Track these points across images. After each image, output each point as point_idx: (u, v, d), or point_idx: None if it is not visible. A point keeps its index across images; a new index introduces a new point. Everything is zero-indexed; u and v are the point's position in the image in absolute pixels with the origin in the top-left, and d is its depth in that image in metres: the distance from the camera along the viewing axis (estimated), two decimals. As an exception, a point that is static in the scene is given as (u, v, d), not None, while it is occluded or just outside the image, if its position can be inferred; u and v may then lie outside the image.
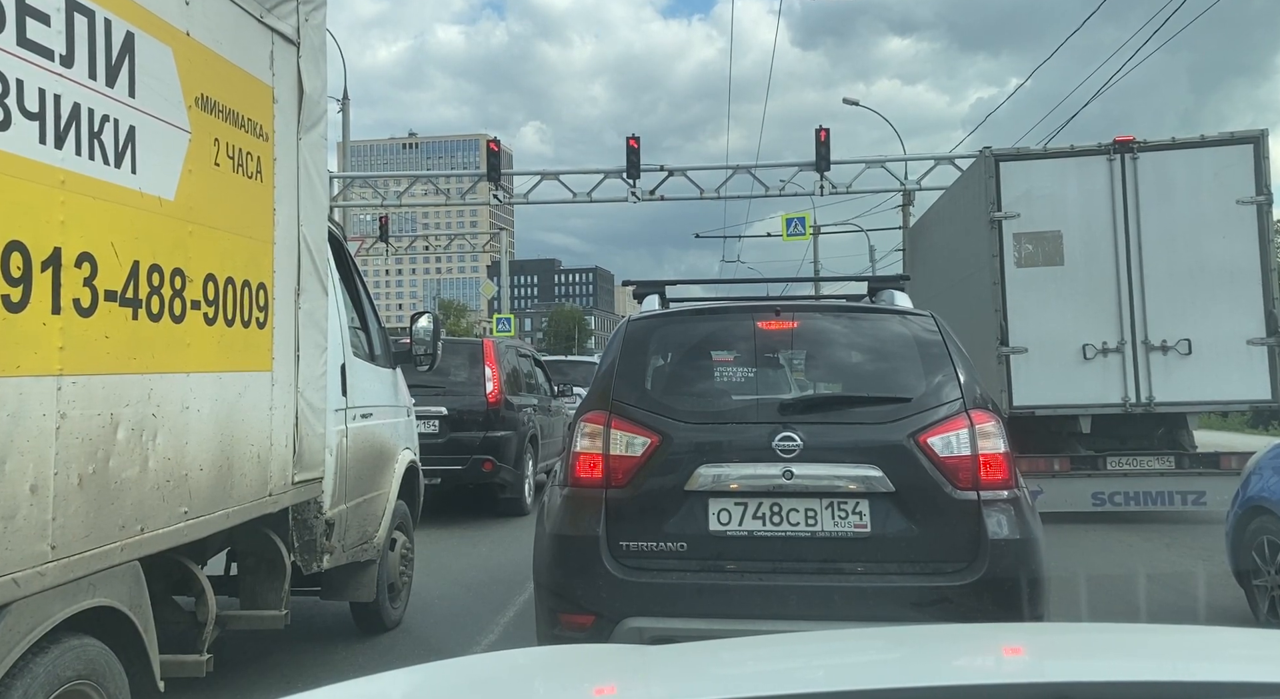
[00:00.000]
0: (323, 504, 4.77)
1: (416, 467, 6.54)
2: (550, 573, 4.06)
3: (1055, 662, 1.73)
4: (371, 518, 5.55)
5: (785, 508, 3.92)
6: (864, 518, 3.90)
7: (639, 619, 3.80)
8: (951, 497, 3.90)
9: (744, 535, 3.93)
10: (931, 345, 4.26)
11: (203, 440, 3.56)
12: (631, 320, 4.64)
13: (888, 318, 4.55)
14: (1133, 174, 9.89)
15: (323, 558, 4.79)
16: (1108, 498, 9.91)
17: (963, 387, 4.10)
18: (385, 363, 6.23)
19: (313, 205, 4.57)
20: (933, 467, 3.93)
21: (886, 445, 3.97)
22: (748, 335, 4.42)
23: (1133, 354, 9.83)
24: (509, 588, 7.06)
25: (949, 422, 3.99)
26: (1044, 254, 10.05)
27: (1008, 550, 3.84)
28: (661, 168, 22.65)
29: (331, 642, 5.76)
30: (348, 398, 5.23)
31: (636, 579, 3.90)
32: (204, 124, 3.56)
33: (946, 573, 3.85)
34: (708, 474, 3.97)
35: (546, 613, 4.05)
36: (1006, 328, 10.02)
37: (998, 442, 4.00)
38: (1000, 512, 3.90)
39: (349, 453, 5.19)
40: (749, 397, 4.31)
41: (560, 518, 4.08)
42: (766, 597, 3.83)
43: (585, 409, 4.27)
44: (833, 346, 4.53)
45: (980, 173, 10.48)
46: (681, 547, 3.94)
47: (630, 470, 4.02)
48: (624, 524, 3.97)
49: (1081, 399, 9.93)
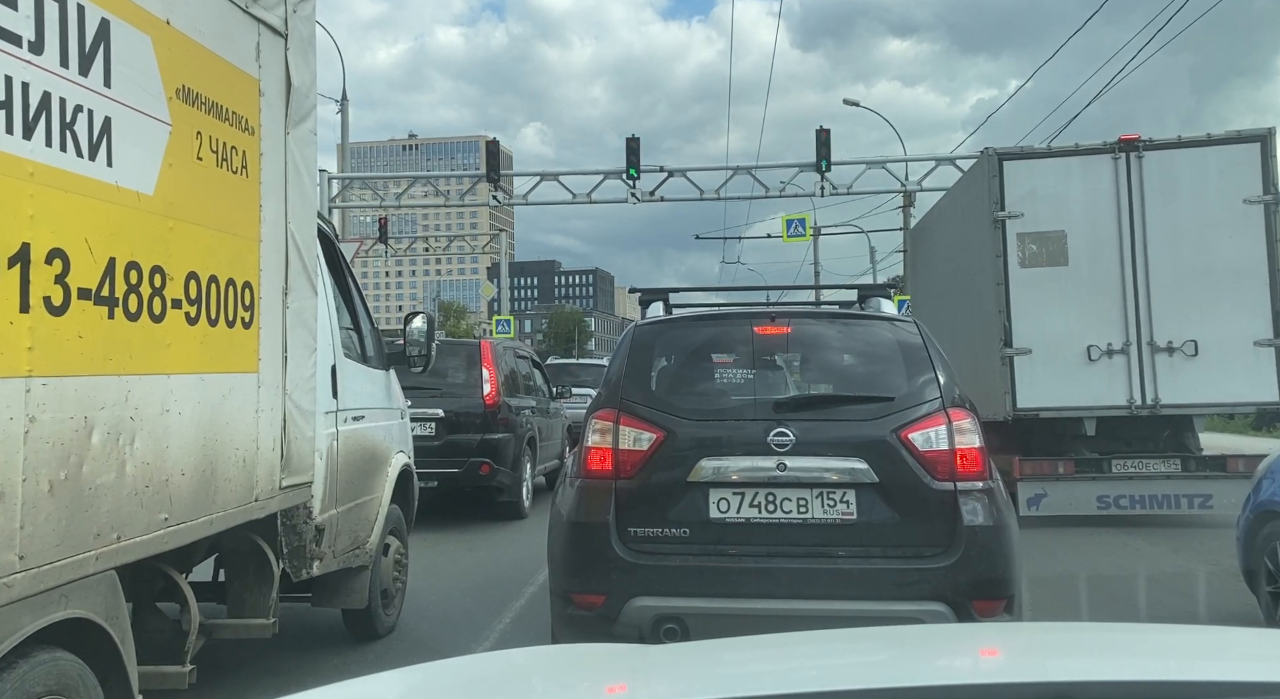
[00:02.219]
0: (312, 509, 4.65)
1: (411, 470, 6.40)
2: (564, 556, 4.37)
3: (1055, 661, 1.72)
4: (364, 523, 5.42)
5: (779, 497, 4.23)
6: (850, 506, 4.20)
7: (645, 598, 4.12)
8: (930, 487, 4.20)
9: (741, 522, 4.23)
10: (914, 349, 4.55)
11: (184, 444, 3.43)
12: (638, 326, 4.97)
13: (874, 323, 4.85)
14: (1138, 173, 9.77)
15: (312, 564, 4.66)
16: (1113, 501, 9.78)
17: (942, 387, 4.39)
18: (378, 364, 6.10)
19: (301, 202, 4.42)
20: (913, 460, 4.22)
21: (871, 440, 4.27)
22: (746, 339, 4.72)
23: (1138, 355, 9.70)
24: (507, 591, 6.98)
25: (929, 419, 4.28)
26: (1048, 254, 9.92)
27: (982, 536, 4.14)
28: (661, 169, 22.53)
29: (324, 646, 5.65)
30: (338, 400, 5.10)
31: (643, 562, 4.19)
32: (186, 116, 3.44)
33: (925, 557, 4.15)
34: (708, 466, 4.27)
35: (560, 593, 4.34)
36: (1010, 329, 9.90)
37: (973, 437, 4.29)
38: (975, 500, 4.19)
39: (340, 456, 5.06)
40: (746, 396, 4.57)
41: (574, 506, 4.39)
42: (762, 578, 4.14)
43: (596, 407, 4.55)
44: (824, 350, 4.84)
45: (983, 172, 10.35)
46: (684, 532, 4.24)
47: (637, 463, 4.32)
48: (632, 512, 4.27)
49: (1086, 401, 9.79)
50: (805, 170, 21.87)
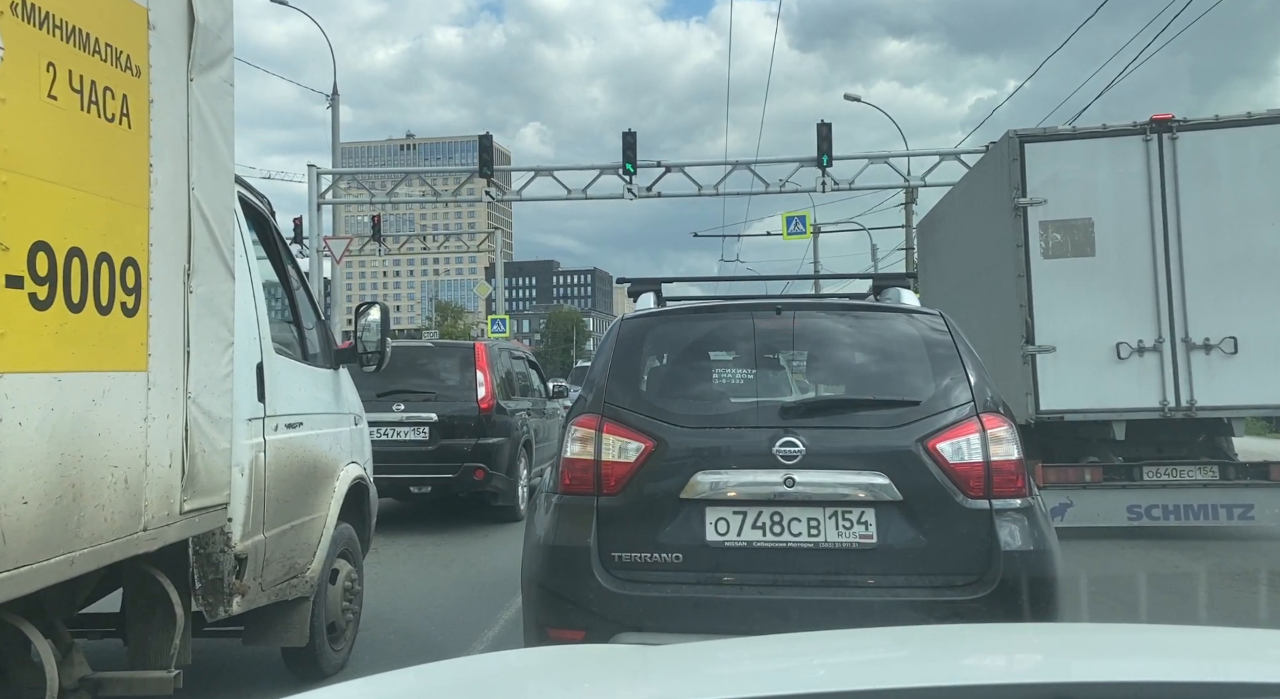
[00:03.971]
0: (231, 535, 3.92)
1: (366, 483, 5.65)
2: (539, 585, 3.84)
3: (1055, 661, 1.72)
4: (302, 548, 4.67)
5: (786, 517, 3.72)
6: (870, 528, 3.70)
7: (631, 635, 3.60)
8: (962, 506, 3.69)
9: (743, 546, 3.72)
10: (940, 345, 4.05)
11: (27, 463, 2.67)
12: (625, 319, 4.39)
13: (894, 317, 4.33)
14: (1171, 155, 8.97)
15: (231, 601, 3.92)
16: (1144, 511, 9.00)
17: (973, 389, 3.89)
18: (325, 362, 5.35)
19: (211, 165, 3.66)
20: (942, 474, 3.72)
21: (893, 451, 3.77)
22: (747, 335, 4.20)
23: (1171, 353, 8.89)
24: (505, 591, 6.50)
25: (960, 426, 3.79)
26: (1073, 244, 9.12)
27: (1022, 563, 3.64)
28: (659, 164, 21.78)
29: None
30: (267, 404, 4.34)
31: (629, 592, 3.70)
32: (29, 41, 2.68)
33: (957, 586, 3.65)
34: (705, 481, 3.77)
35: (535, 627, 3.85)
36: (1032, 325, 9.09)
37: (1011, 447, 3.78)
38: (1014, 522, 3.70)
39: (269, 471, 4.30)
40: (748, 399, 4.11)
41: (550, 527, 3.85)
42: (766, 611, 3.61)
43: (576, 412, 4.03)
44: (836, 347, 4.31)
45: (1003, 156, 9.57)
46: (677, 558, 3.73)
47: (623, 477, 3.81)
48: (616, 534, 3.77)
49: (1115, 403, 8.97)
50: (806, 165, 21.16)
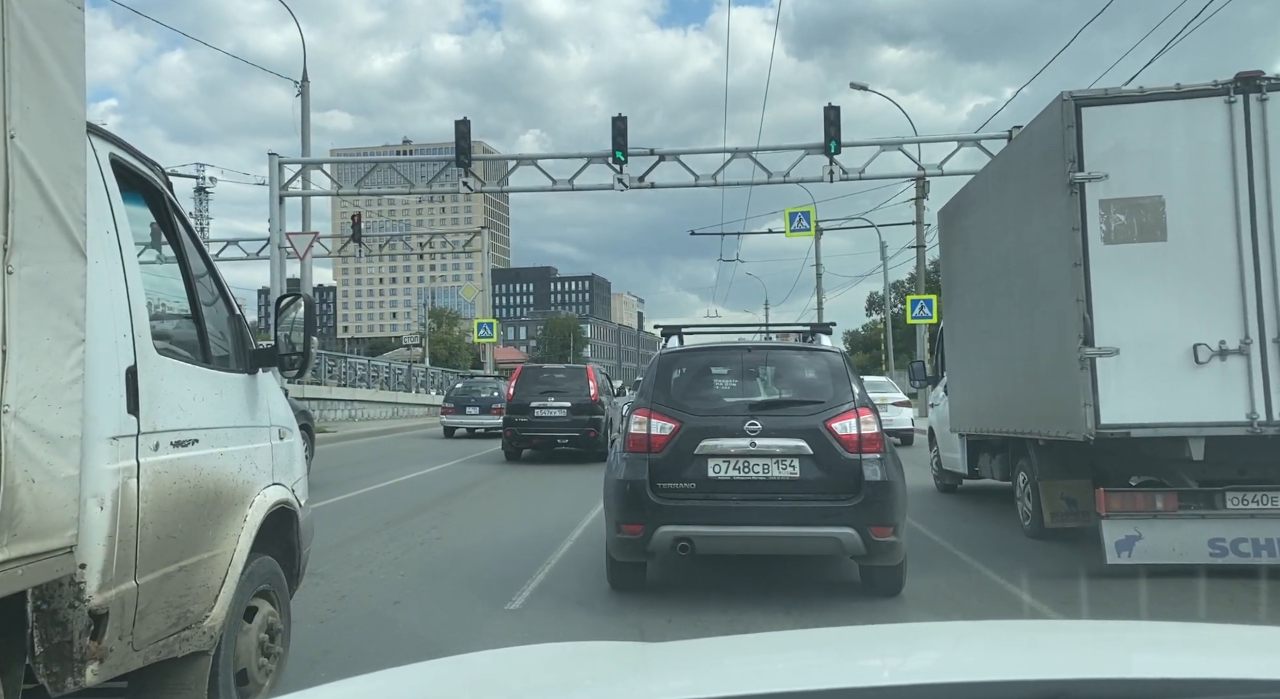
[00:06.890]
0: (84, 586, 3.14)
1: (293, 507, 4.69)
2: (616, 502, 7.00)
3: (1055, 659, 1.72)
4: (197, 592, 3.85)
5: (751, 463, 6.84)
6: (795, 469, 6.83)
7: (667, 527, 6.74)
8: (845, 457, 6.82)
9: (728, 479, 6.84)
10: (838, 369, 7.32)
11: None
12: (662, 353, 7.82)
13: (815, 353, 7.77)
14: (1259, 120, 7.46)
15: (85, 669, 3.11)
16: (1230, 546, 7.50)
17: (855, 394, 7.07)
18: (236, 366, 4.39)
19: (44, 109, 2.86)
20: (835, 440, 6.84)
21: (809, 428, 6.89)
22: (734, 363, 7.73)
23: (1261, 357, 7.38)
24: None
25: (845, 414, 6.93)
26: (1140, 227, 7.62)
27: (876, 487, 6.74)
28: (651, 151, 20.29)
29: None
30: (142, 418, 3.49)
31: (666, 504, 6.81)
32: None
33: (841, 499, 6.74)
34: (708, 445, 6.87)
35: (613, 524, 7.01)
36: (1091, 323, 7.57)
37: (874, 426, 6.92)
38: (872, 465, 6.80)
39: (145, 501, 3.47)
40: (733, 399, 7.37)
41: (622, 470, 7.02)
42: (740, 513, 6.76)
43: (635, 407, 7.26)
44: (784, 369, 7.64)
45: (1055, 123, 8.05)
46: (692, 486, 6.85)
47: (663, 443, 6.93)
48: (659, 473, 6.89)
49: (1192, 416, 7.45)
50: (812, 153, 19.66)
